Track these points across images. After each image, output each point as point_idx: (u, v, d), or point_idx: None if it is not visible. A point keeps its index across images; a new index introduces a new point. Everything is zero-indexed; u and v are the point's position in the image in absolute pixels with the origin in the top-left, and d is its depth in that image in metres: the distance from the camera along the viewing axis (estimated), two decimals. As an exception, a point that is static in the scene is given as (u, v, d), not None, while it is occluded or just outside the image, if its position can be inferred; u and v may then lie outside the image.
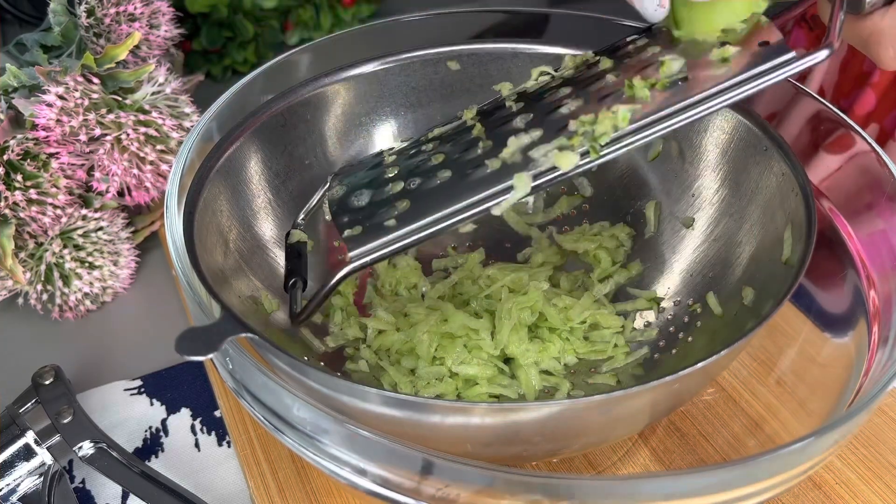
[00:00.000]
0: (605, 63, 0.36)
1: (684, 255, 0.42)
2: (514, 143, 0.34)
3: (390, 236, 0.33)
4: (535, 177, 0.32)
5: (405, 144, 0.40)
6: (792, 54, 0.30)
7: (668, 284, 0.43)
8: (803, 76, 0.60)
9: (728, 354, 0.30)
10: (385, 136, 0.45)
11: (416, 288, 0.45)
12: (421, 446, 0.25)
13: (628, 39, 0.38)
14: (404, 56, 0.44)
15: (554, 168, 0.32)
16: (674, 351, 0.40)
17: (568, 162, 0.31)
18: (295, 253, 0.40)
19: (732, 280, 0.39)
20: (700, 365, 0.29)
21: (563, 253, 0.46)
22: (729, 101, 0.31)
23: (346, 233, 0.34)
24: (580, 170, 0.32)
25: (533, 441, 0.31)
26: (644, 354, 0.41)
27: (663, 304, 0.43)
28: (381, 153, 0.40)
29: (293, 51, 0.44)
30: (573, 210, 0.47)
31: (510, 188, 0.32)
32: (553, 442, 0.32)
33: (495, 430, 0.30)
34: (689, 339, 0.40)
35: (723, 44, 0.32)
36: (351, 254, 0.33)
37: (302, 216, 0.42)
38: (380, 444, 0.26)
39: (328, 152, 0.44)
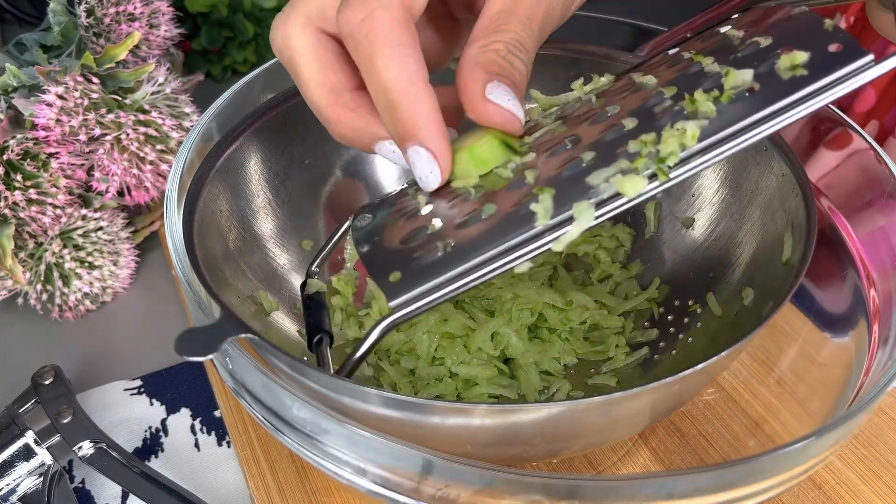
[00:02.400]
0: (647, 79, 0.32)
1: (684, 255, 0.43)
2: (566, 167, 0.29)
3: (435, 281, 0.28)
4: (598, 205, 0.28)
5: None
6: (870, 57, 0.27)
7: (669, 284, 0.43)
8: None
9: (728, 355, 0.30)
10: (385, 136, 0.45)
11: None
12: (421, 446, 0.25)
13: (649, 55, 0.34)
14: (404, 56, 0.44)
15: (617, 195, 0.28)
16: (674, 351, 0.40)
17: (635, 187, 0.27)
18: (315, 305, 0.36)
19: (732, 280, 0.39)
20: (700, 366, 0.29)
21: (563, 253, 0.46)
22: (807, 111, 0.27)
23: (382, 279, 0.29)
24: (647, 196, 0.28)
25: (533, 442, 0.31)
26: (644, 355, 0.41)
27: (663, 305, 0.43)
28: (405, 188, 0.34)
29: (293, 51, 0.43)
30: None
31: (570, 220, 0.28)
32: (553, 443, 0.32)
33: (495, 431, 0.30)
34: (689, 339, 0.40)
35: (787, 49, 0.28)
36: (392, 303, 0.29)
37: (317, 262, 0.38)
38: (380, 445, 0.26)
39: (328, 152, 0.44)
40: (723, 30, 0.32)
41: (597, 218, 0.28)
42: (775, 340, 0.44)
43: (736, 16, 0.33)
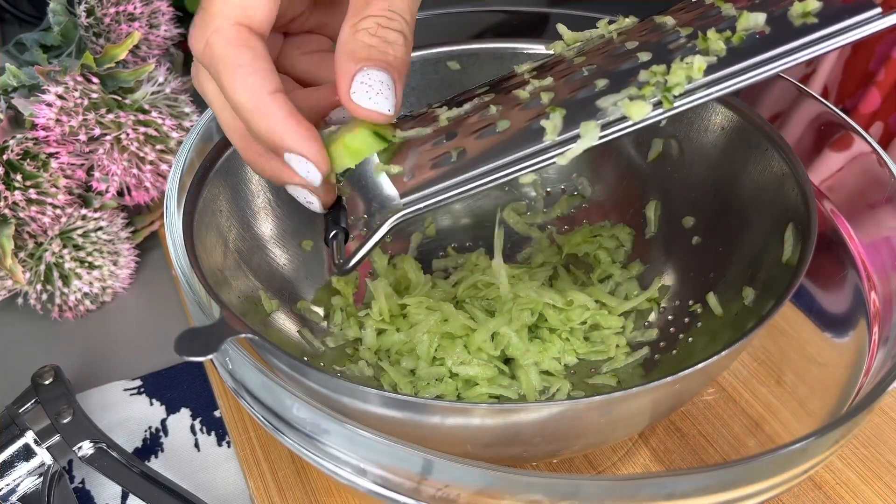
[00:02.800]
0: (667, 19, 0.33)
1: (684, 255, 0.42)
2: (579, 91, 0.31)
3: (444, 184, 0.31)
4: (604, 126, 0.29)
5: (457, 97, 0.36)
6: (877, 10, 0.28)
7: (668, 284, 0.43)
8: (807, 75, 0.60)
9: (728, 355, 0.30)
10: (385, 136, 0.45)
11: (410, 288, 0.45)
12: (421, 446, 0.25)
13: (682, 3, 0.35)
14: (404, 56, 0.44)
15: (623, 118, 0.29)
16: (674, 351, 0.40)
17: (639, 112, 0.29)
18: (334, 205, 0.37)
19: (732, 280, 0.39)
20: (701, 365, 0.29)
21: (563, 253, 0.46)
22: (810, 55, 0.28)
23: (398, 179, 0.32)
24: (651, 121, 0.29)
25: (533, 442, 0.31)
26: (644, 355, 0.41)
27: (663, 304, 0.43)
28: (429, 106, 0.36)
29: (293, 51, 0.43)
30: (573, 210, 0.47)
31: (576, 137, 0.30)
32: (553, 442, 0.32)
33: (495, 431, 0.30)
34: (690, 339, 0.40)
35: None
36: (403, 200, 0.31)
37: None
38: (380, 444, 0.26)
39: (328, 152, 0.44)
40: None
41: (601, 137, 0.29)
42: (775, 340, 0.44)
43: None
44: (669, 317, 0.42)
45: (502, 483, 0.25)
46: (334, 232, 0.36)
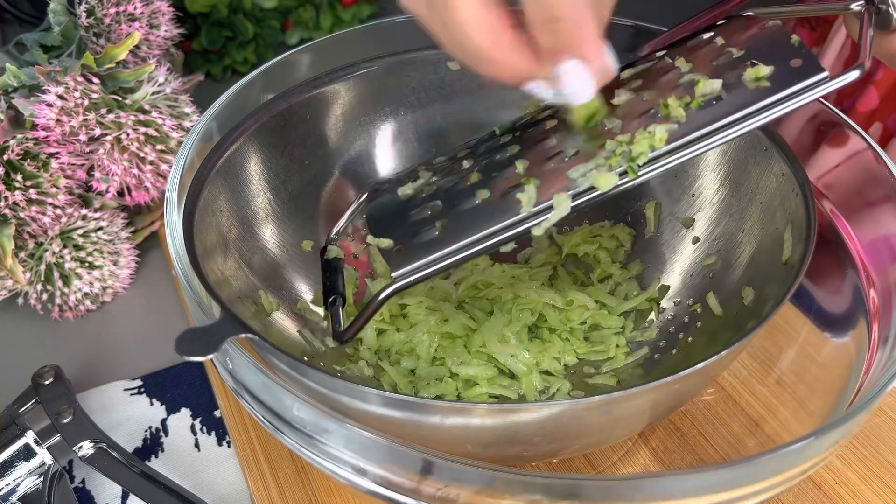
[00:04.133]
0: (633, 81, 0.36)
1: (684, 255, 0.42)
2: (551, 161, 0.34)
3: (432, 256, 0.33)
4: (574, 197, 0.32)
5: (440, 159, 0.40)
6: (825, 74, 0.30)
7: (668, 284, 0.43)
8: None
9: (728, 355, 0.30)
10: (385, 136, 0.45)
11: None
12: (421, 446, 0.25)
13: (646, 55, 0.37)
14: (404, 56, 0.44)
15: (592, 188, 0.32)
16: (674, 351, 0.40)
17: (607, 182, 0.31)
18: (331, 269, 0.40)
19: (732, 280, 0.39)
20: (700, 365, 0.29)
21: (563, 253, 0.46)
22: (763, 121, 0.31)
23: (389, 252, 0.35)
24: (618, 190, 0.32)
25: (533, 442, 0.31)
26: (644, 354, 0.41)
27: (663, 304, 0.43)
28: (415, 169, 0.40)
29: (293, 51, 0.44)
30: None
31: (550, 208, 0.32)
32: (553, 442, 0.32)
33: (495, 431, 0.30)
34: (690, 339, 0.40)
35: (753, 64, 0.32)
36: (394, 273, 0.33)
37: (335, 231, 0.42)
38: (380, 444, 0.26)
39: (328, 152, 0.44)
40: (706, 36, 0.36)
41: (573, 208, 0.32)
42: (775, 340, 0.44)
43: (722, 22, 0.36)
44: (669, 317, 0.42)
45: (502, 483, 0.25)
46: (333, 298, 0.38)
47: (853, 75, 0.30)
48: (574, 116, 0.34)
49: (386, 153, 0.46)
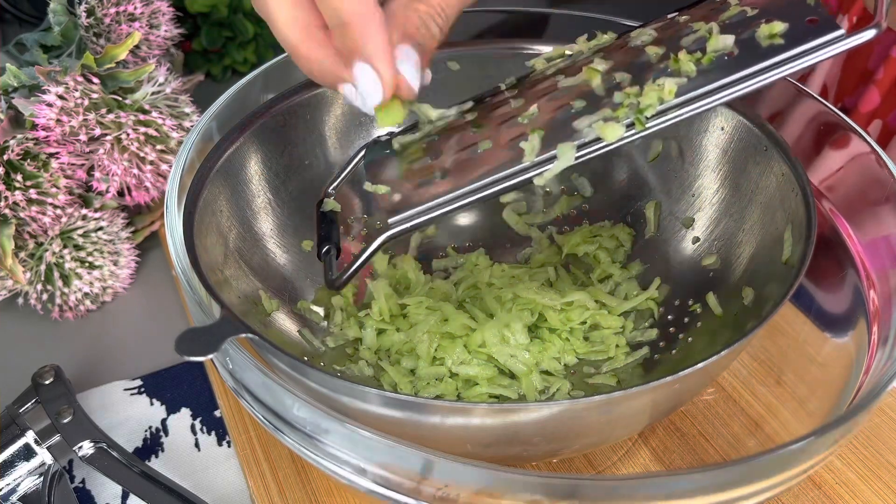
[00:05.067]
0: (646, 36, 0.35)
1: (684, 255, 0.42)
2: (557, 112, 0.32)
3: (429, 204, 0.32)
4: (579, 147, 0.31)
5: (442, 112, 0.38)
6: (841, 31, 0.29)
7: (669, 284, 0.43)
8: (805, 74, 0.60)
9: (728, 355, 0.30)
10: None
11: (410, 288, 0.45)
12: (421, 446, 0.25)
13: (668, 16, 0.36)
14: (404, 56, 0.44)
15: (598, 139, 0.31)
16: (674, 351, 0.40)
17: (613, 133, 0.30)
18: (327, 220, 0.39)
19: (732, 280, 0.39)
20: (700, 365, 0.29)
21: (563, 253, 0.46)
22: (776, 76, 0.30)
23: (384, 197, 0.34)
24: (625, 142, 0.31)
25: (533, 441, 0.31)
26: (644, 354, 0.41)
27: (663, 305, 0.43)
28: (415, 124, 0.38)
29: (293, 51, 0.44)
30: (573, 210, 0.47)
31: (553, 158, 0.31)
32: (553, 442, 0.32)
33: (495, 431, 0.30)
34: (690, 339, 0.40)
35: (768, 20, 0.31)
36: (391, 220, 0.32)
37: (333, 185, 0.41)
38: (380, 444, 0.26)
39: (328, 152, 0.44)
40: None
41: (577, 158, 0.31)
42: (775, 340, 0.44)
43: None
44: (669, 317, 0.42)
45: (502, 483, 0.25)
46: (326, 248, 0.37)
47: (869, 34, 0.29)
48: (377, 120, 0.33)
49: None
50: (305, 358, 0.40)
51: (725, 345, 0.30)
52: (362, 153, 0.40)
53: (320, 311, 0.43)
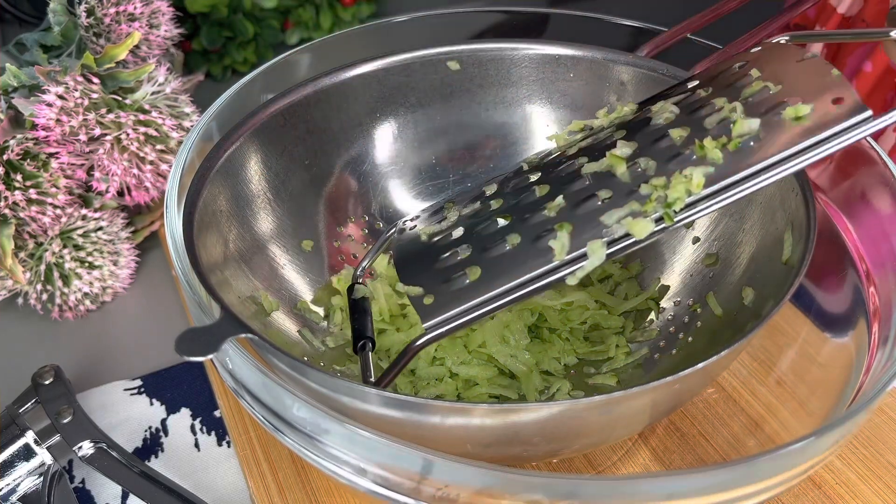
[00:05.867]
0: (668, 113, 0.34)
1: (684, 255, 0.43)
2: (583, 205, 0.33)
3: (464, 306, 0.32)
4: (610, 244, 0.31)
5: (468, 199, 0.39)
6: (869, 113, 0.29)
7: (668, 284, 0.43)
8: None
9: (728, 354, 0.30)
10: (385, 136, 0.45)
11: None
12: (421, 446, 0.25)
13: (680, 87, 0.36)
14: (404, 56, 0.44)
15: (627, 235, 0.31)
16: (674, 351, 0.40)
17: (643, 230, 0.30)
18: (360, 309, 0.39)
19: (732, 280, 0.39)
20: (700, 365, 0.29)
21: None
22: (805, 164, 0.29)
23: (419, 301, 0.34)
24: (654, 238, 0.31)
25: (533, 442, 0.31)
26: (644, 354, 0.41)
27: (663, 304, 0.43)
28: (442, 207, 0.39)
29: (293, 51, 0.44)
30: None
31: (584, 256, 0.31)
32: (553, 442, 0.32)
33: (495, 431, 0.30)
34: (690, 339, 0.40)
35: (794, 101, 0.31)
36: (425, 325, 0.33)
37: (361, 268, 0.42)
38: (380, 444, 0.26)
39: (328, 152, 0.44)
40: (738, 66, 0.34)
41: (608, 256, 0.31)
42: (775, 340, 0.44)
43: (755, 50, 0.35)
44: (669, 317, 0.42)
45: (502, 483, 0.25)
46: (362, 343, 0.37)
47: None
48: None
49: (386, 153, 0.46)
50: (305, 358, 0.40)
51: (725, 345, 0.30)
52: (390, 234, 0.40)
53: (320, 311, 0.43)
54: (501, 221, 0.35)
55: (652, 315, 0.43)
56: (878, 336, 0.33)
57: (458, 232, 0.36)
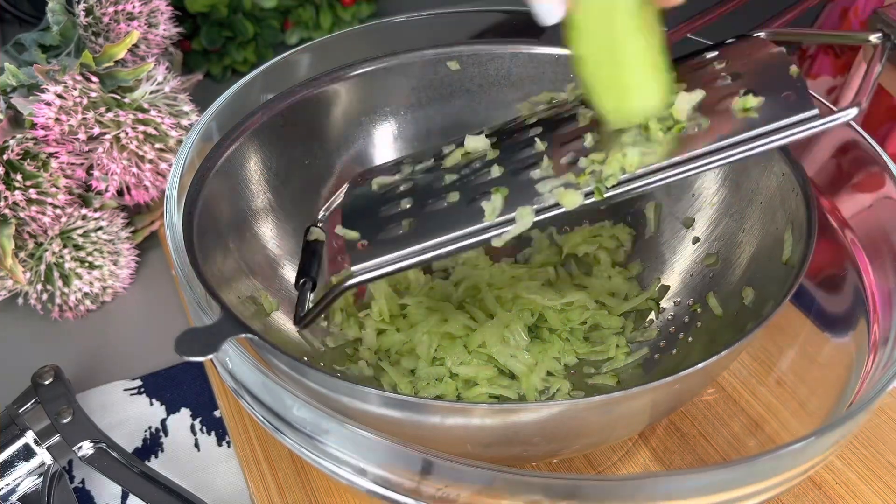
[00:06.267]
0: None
1: (684, 255, 0.42)
2: (525, 174, 0.33)
3: (393, 255, 0.33)
4: (538, 211, 0.32)
5: (425, 155, 0.39)
6: (815, 111, 0.29)
7: (668, 284, 0.43)
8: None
9: (728, 355, 0.30)
10: (385, 136, 0.45)
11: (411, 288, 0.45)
12: (421, 446, 0.25)
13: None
14: (404, 56, 0.44)
15: (557, 205, 0.32)
16: (674, 351, 0.40)
17: (571, 201, 0.31)
18: (311, 251, 0.40)
19: (732, 280, 0.39)
20: (700, 365, 0.29)
21: (563, 253, 0.46)
22: (743, 156, 0.30)
23: (353, 245, 0.35)
24: (583, 208, 0.32)
25: (533, 442, 0.31)
26: (644, 354, 0.41)
27: (663, 304, 0.43)
28: (401, 160, 0.40)
29: (293, 51, 0.44)
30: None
31: (512, 220, 0.32)
32: (553, 442, 0.32)
33: (495, 431, 0.30)
34: (690, 339, 0.40)
35: (745, 93, 0.31)
36: (354, 268, 0.34)
37: (322, 213, 0.42)
38: (380, 444, 0.26)
39: (328, 152, 0.44)
40: (710, 55, 0.35)
41: (535, 222, 0.32)
42: (775, 340, 0.44)
43: (731, 40, 0.35)
44: (669, 317, 0.42)
45: (502, 483, 0.25)
46: (303, 280, 0.38)
47: (849, 114, 0.29)
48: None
49: (386, 153, 0.46)
50: (305, 358, 0.40)
51: (725, 345, 0.30)
52: (350, 184, 0.40)
53: (320, 310, 0.43)
54: (447, 179, 0.36)
55: (652, 315, 0.43)
56: (878, 336, 0.33)
57: (406, 185, 0.37)
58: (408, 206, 0.35)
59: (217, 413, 0.44)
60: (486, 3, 0.47)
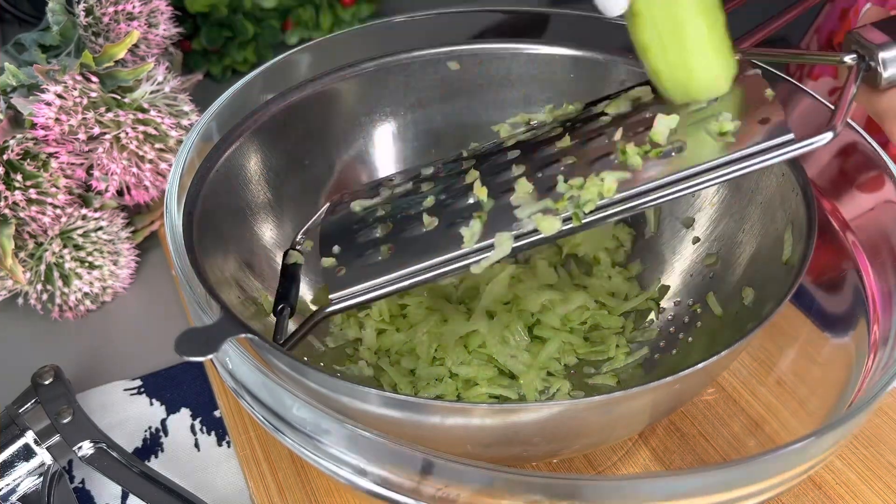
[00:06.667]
0: (606, 115, 0.35)
1: (684, 255, 0.42)
2: (504, 199, 0.33)
3: (371, 283, 0.34)
4: (517, 237, 0.32)
5: (405, 178, 0.39)
6: (791, 136, 0.29)
7: (668, 284, 0.43)
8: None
9: (728, 355, 0.30)
10: (385, 137, 0.45)
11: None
12: (421, 446, 0.25)
13: (631, 89, 0.36)
14: (404, 56, 0.44)
15: (536, 231, 0.32)
16: (674, 351, 0.40)
17: (549, 227, 0.31)
18: (289, 275, 0.40)
19: (732, 280, 0.39)
20: (701, 365, 0.29)
21: (563, 253, 0.46)
22: (721, 180, 0.30)
23: (331, 272, 0.35)
24: (561, 236, 0.32)
25: (533, 442, 0.31)
26: (644, 355, 0.41)
27: (663, 305, 0.43)
28: (380, 183, 0.40)
29: (293, 51, 0.44)
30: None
31: (492, 246, 0.32)
32: (553, 442, 0.32)
33: (495, 431, 0.30)
34: (690, 339, 0.40)
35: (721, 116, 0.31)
36: (332, 296, 0.34)
37: (300, 236, 0.42)
38: (380, 444, 0.26)
39: (328, 152, 0.44)
40: None
41: (514, 249, 0.32)
42: (775, 340, 0.44)
43: None
44: (669, 317, 0.42)
45: (502, 483, 0.25)
46: (281, 306, 0.38)
47: (824, 138, 0.29)
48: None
49: (385, 153, 0.46)
50: (305, 358, 0.40)
51: (725, 345, 0.30)
52: (328, 206, 0.41)
53: (320, 311, 0.43)
54: (426, 203, 0.36)
55: (652, 315, 0.43)
56: (878, 336, 0.33)
57: (385, 209, 0.37)
58: (386, 232, 0.35)
59: (217, 413, 0.44)
60: (486, 3, 0.47)
